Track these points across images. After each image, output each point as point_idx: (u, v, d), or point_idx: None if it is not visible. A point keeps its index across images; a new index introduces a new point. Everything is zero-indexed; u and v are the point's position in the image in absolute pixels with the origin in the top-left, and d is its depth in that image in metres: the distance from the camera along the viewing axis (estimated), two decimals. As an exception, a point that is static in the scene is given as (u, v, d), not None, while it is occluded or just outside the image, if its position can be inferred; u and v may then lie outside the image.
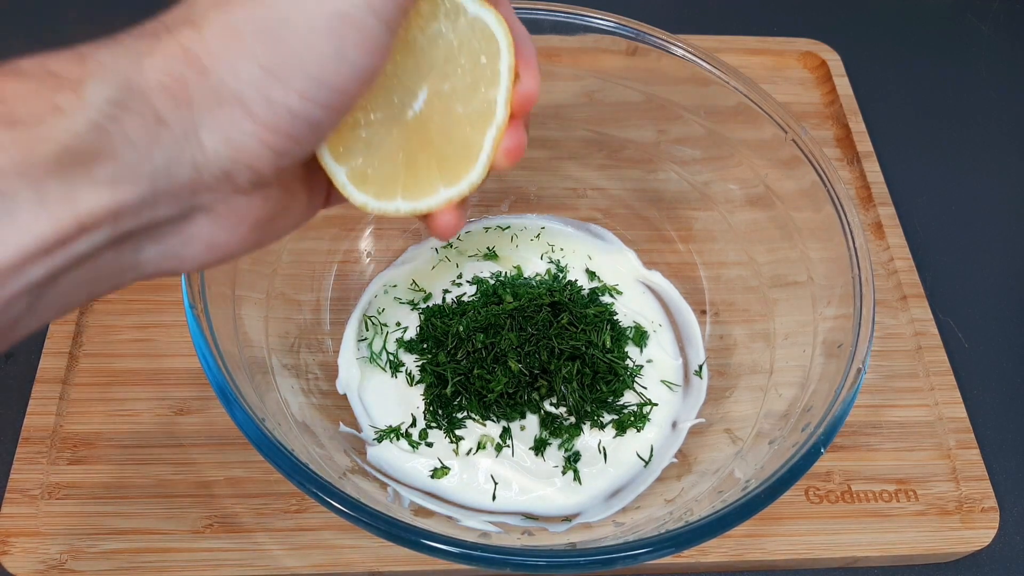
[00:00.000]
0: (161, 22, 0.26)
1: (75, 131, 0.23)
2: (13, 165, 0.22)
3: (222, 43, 0.25)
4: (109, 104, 0.24)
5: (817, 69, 0.73)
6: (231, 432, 0.47)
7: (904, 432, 0.54)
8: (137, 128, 0.24)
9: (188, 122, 0.25)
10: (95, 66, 0.24)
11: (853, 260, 0.46)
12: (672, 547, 0.37)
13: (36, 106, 0.23)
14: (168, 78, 0.25)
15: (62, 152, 0.23)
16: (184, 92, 0.25)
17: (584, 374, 0.51)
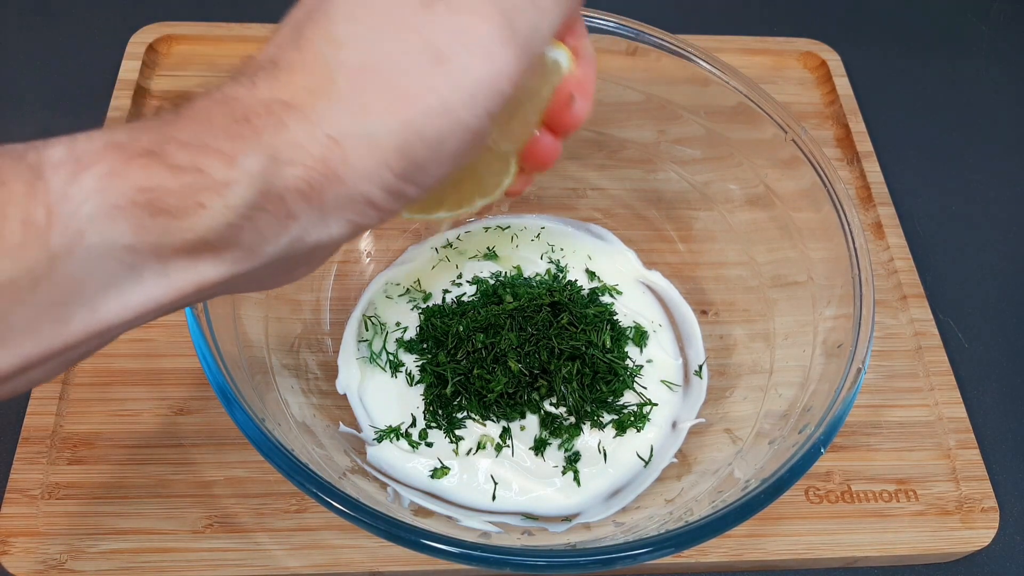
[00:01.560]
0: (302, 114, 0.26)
1: (213, 227, 0.25)
2: (149, 247, 0.25)
3: (360, 155, 0.26)
4: (248, 207, 0.25)
5: (817, 69, 0.73)
6: (231, 432, 0.47)
7: (904, 432, 0.54)
8: (269, 224, 0.26)
9: (319, 216, 0.27)
10: (240, 173, 0.25)
11: (853, 260, 0.46)
12: (672, 547, 0.37)
13: (182, 201, 0.24)
14: (305, 185, 0.26)
15: (196, 242, 0.25)
16: (319, 197, 0.26)
17: (584, 374, 0.51)
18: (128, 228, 0.24)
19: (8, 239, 0.22)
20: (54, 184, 0.23)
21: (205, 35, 0.69)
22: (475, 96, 0.27)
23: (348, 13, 0.27)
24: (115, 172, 0.24)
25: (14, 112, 0.66)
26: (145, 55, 0.67)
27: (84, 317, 0.25)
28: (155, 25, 0.68)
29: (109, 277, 0.25)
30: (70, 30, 0.72)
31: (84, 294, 0.24)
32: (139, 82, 0.65)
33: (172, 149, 0.24)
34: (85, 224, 0.23)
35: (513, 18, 0.28)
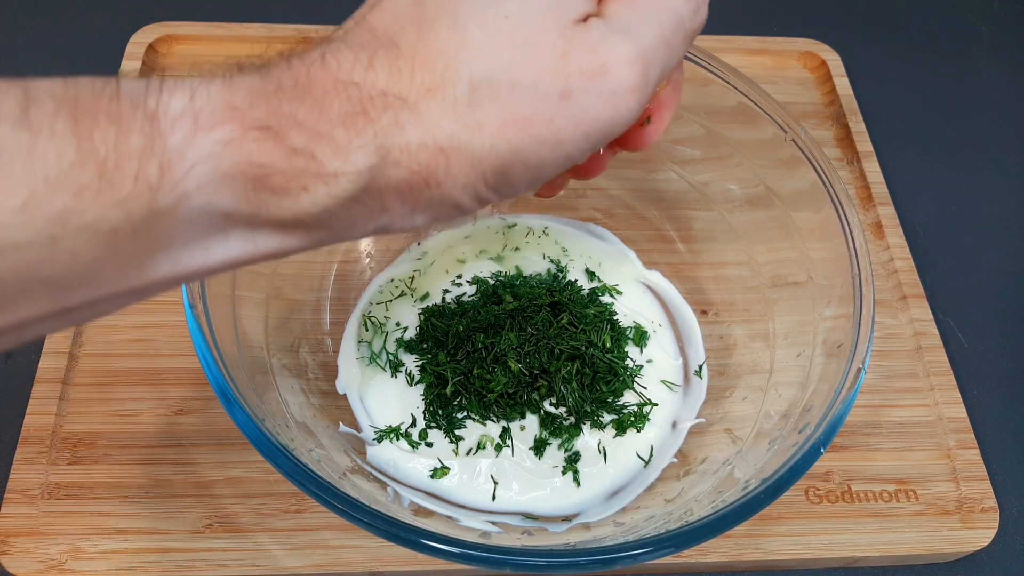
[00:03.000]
0: (418, 117, 0.26)
1: (311, 211, 0.25)
2: (245, 216, 0.25)
3: (461, 168, 0.26)
4: (348, 198, 0.26)
5: (817, 69, 0.73)
6: (231, 432, 0.47)
7: (904, 432, 0.54)
8: (362, 213, 0.27)
9: (408, 212, 0.27)
10: (350, 166, 0.25)
11: (853, 260, 0.46)
12: (672, 547, 0.37)
13: (289, 182, 0.25)
14: (405, 186, 0.26)
15: (292, 220, 0.26)
16: (414, 198, 0.27)
17: (584, 374, 0.51)
18: (231, 196, 0.24)
19: (119, 190, 0.23)
20: (171, 141, 0.23)
21: (205, 35, 0.69)
22: (588, 135, 0.27)
23: (483, 18, 0.26)
24: (231, 141, 0.24)
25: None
26: (145, 55, 0.67)
27: (167, 267, 0.25)
28: (155, 25, 0.68)
29: (199, 235, 0.25)
30: (70, 30, 0.72)
31: (172, 247, 0.25)
32: (139, 82, 0.65)
33: (289, 129, 0.24)
34: (192, 187, 0.24)
35: (648, 64, 0.27)
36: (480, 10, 0.26)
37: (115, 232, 0.23)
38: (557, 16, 0.26)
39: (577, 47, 0.26)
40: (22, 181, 0.21)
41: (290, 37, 0.70)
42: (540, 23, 0.26)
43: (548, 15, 0.26)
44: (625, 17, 0.28)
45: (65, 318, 0.25)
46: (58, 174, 0.22)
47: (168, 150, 0.23)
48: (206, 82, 0.25)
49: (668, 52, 0.28)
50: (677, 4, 0.29)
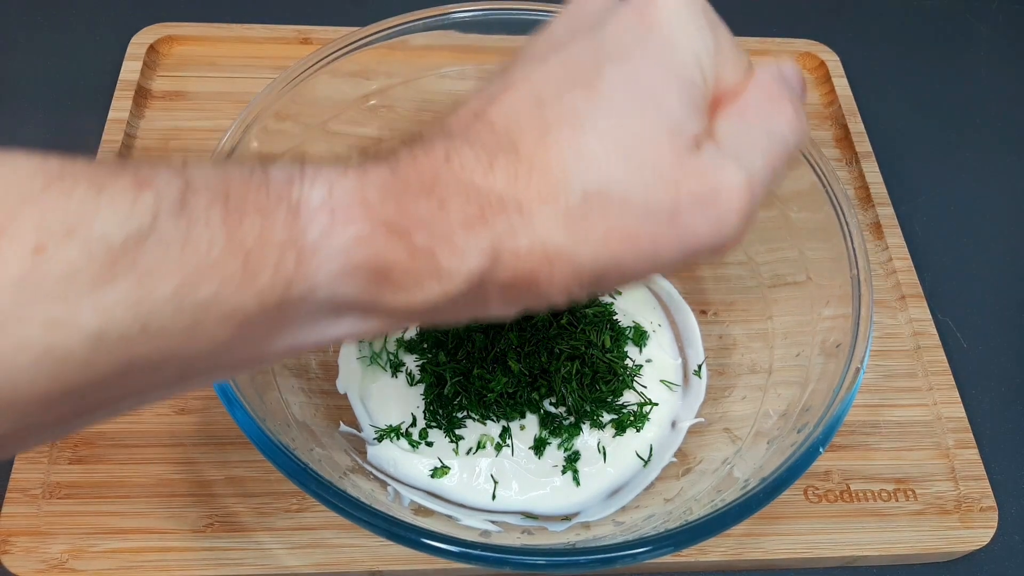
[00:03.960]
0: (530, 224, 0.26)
1: (422, 305, 0.26)
2: (362, 305, 0.26)
3: (562, 273, 0.27)
4: (458, 295, 0.26)
5: (816, 70, 0.73)
6: (231, 432, 0.47)
7: (903, 432, 0.54)
8: (465, 307, 0.27)
9: (504, 307, 0.28)
10: (464, 267, 0.26)
11: (852, 260, 0.46)
12: (671, 546, 0.37)
13: (408, 279, 0.26)
14: (509, 287, 0.27)
15: (403, 310, 0.26)
16: (514, 296, 0.27)
17: (584, 374, 0.51)
18: (353, 287, 0.25)
19: (259, 281, 0.24)
20: (309, 235, 0.24)
21: (206, 36, 0.69)
22: (686, 254, 0.27)
23: (603, 131, 0.26)
24: (362, 238, 0.25)
25: (15, 112, 0.66)
26: (146, 56, 0.67)
27: (283, 343, 0.26)
28: (156, 26, 0.69)
29: (318, 317, 0.26)
30: (71, 31, 0.72)
31: (293, 328, 0.26)
32: (140, 82, 0.65)
33: (415, 229, 0.25)
34: (322, 279, 0.25)
35: (756, 190, 0.27)
36: (599, 123, 0.26)
37: (249, 319, 0.24)
38: (673, 138, 0.26)
39: (689, 171, 0.26)
40: (176, 269, 0.22)
41: (290, 38, 0.70)
42: (657, 143, 0.26)
43: (664, 136, 0.26)
44: (736, 142, 0.28)
45: (179, 388, 0.26)
46: (208, 263, 0.23)
47: (306, 244, 0.24)
48: (341, 174, 0.25)
49: (772, 177, 0.29)
50: (786, 131, 0.29)
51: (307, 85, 0.50)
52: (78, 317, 0.21)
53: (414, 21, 0.52)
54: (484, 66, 0.55)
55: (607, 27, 0.28)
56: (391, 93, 0.55)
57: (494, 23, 0.52)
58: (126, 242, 0.22)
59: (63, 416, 0.24)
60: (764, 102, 0.29)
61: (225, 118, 0.64)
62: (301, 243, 0.24)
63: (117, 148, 0.61)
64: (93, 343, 0.21)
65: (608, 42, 0.28)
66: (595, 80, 0.27)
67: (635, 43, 0.27)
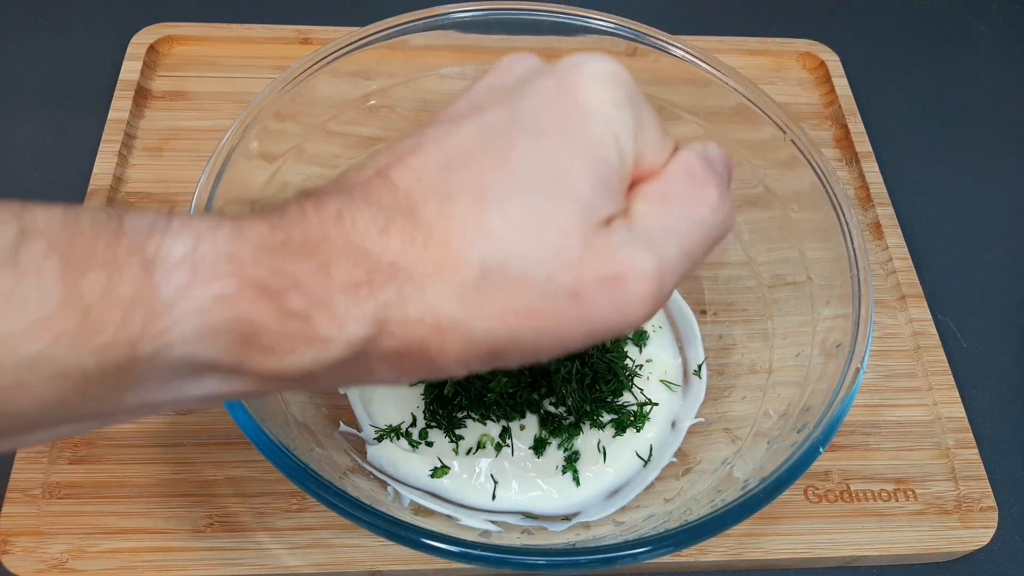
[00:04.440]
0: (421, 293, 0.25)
1: (294, 371, 0.25)
2: (224, 367, 0.25)
3: (456, 346, 0.26)
4: (336, 364, 0.25)
5: (816, 70, 0.73)
6: (231, 432, 0.47)
7: (903, 432, 0.54)
8: (346, 377, 0.26)
9: (394, 378, 0.27)
10: (344, 336, 0.24)
11: (852, 260, 0.46)
12: (671, 546, 0.37)
13: (278, 344, 0.24)
14: (395, 357, 0.26)
15: (272, 375, 0.25)
16: (402, 367, 0.26)
17: (583, 374, 0.51)
18: (215, 349, 0.24)
19: (98, 339, 0.22)
20: (162, 293, 0.23)
21: (206, 36, 0.69)
22: (591, 335, 0.26)
23: (507, 205, 0.25)
24: (225, 298, 0.23)
25: (15, 112, 0.66)
26: (146, 56, 0.67)
27: (133, 401, 0.25)
28: (156, 26, 0.69)
29: (173, 378, 0.24)
30: (71, 31, 0.72)
31: (143, 387, 0.24)
32: (140, 83, 0.65)
33: (288, 291, 0.24)
34: (176, 339, 0.23)
35: (666, 277, 0.26)
36: (505, 197, 0.25)
37: (86, 377, 0.22)
38: (581, 217, 0.25)
39: (596, 252, 0.25)
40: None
41: (290, 38, 0.70)
42: (563, 221, 0.25)
43: (572, 215, 0.25)
44: (651, 225, 0.27)
45: (16, 442, 0.25)
46: (37, 319, 0.21)
47: (157, 302, 0.23)
48: (213, 228, 0.24)
49: (688, 264, 0.28)
50: (707, 216, 0.28)
51: (307, 85, 0.50)
52: None
53: (414, 21, 0.52)
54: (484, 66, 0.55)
55: (527, 97, 0.27)
56: (391, 93, 0.55)
57: (494, 23, 0.52)
58: None
59: None
60: (685, 185, 0.28)
61: (225, 118, 0.64)
62: (151, 300, 0.22)
63: (117, 148, 0.61)
64: None
65: (525, 113, 0.27)
66: (506, 152, 0.26)
67: (551, 117, 0.27)
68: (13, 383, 0.22)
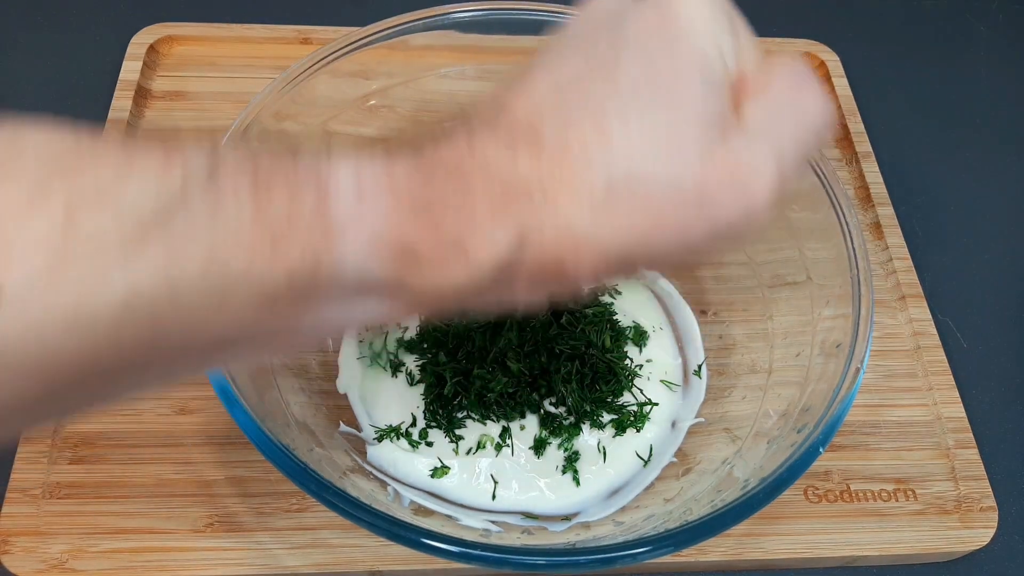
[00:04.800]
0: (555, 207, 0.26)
1: (448, 288, 0.26)
2: (387, 285, 0.26)
3: (589, 257, 0.27)
4: (484, 279, 0.26)
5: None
6: (231, 431, 0.47)
7: (903, 432, 0.54)
8: (491, 292, 0.27)
9: (531, 293, 0.28)
10: (490, 250, 0.26)
11: (852, 260, 0.46)
12: (671, 546, 0.37)
13: (434, 260, 0.26)
14: (536, 272, 0.27)
15: (428, 292, 0.26)
16: (541, 282, 0.27)
17: (584, 374, 0.51)
18: (380, 266, 0.25)
19: (288, 255, 0.24)
20: (338, 213, 0.24)
21: (206, 36, 0.69)
22: (716, 237, 0.27)
23: (626, 118, 0.26)
24: (390, 217, 0.25)
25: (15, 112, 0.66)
26: (146, 56, 0.67)
27: (309, 322, 0.26)
28: (156, 26, 0.69)
29: (344, 296, 0.26)
30: (71, 31, 0.72)
31: (319, 307, 0.26)
32: (140, 83, 0.65)
33: (442, 211, 0.25)
34: (350, 257, 0.25)
35: (784, 175, 0.27)
36: (623, 111, 0.26)
37: (277, 294, 0.24)
38: (697, 124, 0.26)
39: (716, 155, 0.26)
40: (205, 241, 0.22)
41: (290, 38, 0.70)
42: (681, 130, 0.26)
43: (689, 123, 0.26)
44: (764, 127, 0.28)
45: (206, 365, 0.27)
46: (237, 237, 0.23)
47: (334, 221, 0.24)
48: (368, 156, 0.26)
49: (801, 163, 0.29)
50: (814, 113, 0.29)
51: (307, 85, 0.50)
52: (107, 285, 0.21)
53: (414, 21, 0.52)
54: (484, 66, 0.55)
55: (627, 23, 0.28)
56: (391, 93, 0.55)
57: (494, 23, 0.52)
58: (156, 213, 0.22)
59: (87, 386, 0.24)
60: (791, 87, 0.29)
61: (225, 118, 0.64)
62: (329, 220, 0.24)
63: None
64: (120, 312, 0.21)
65: (628, 37, 0.28)
66: (616, 72, 0.27)
67: (655, 37, 0.28)
68: (219, 298, 0.23)
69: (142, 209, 0.22)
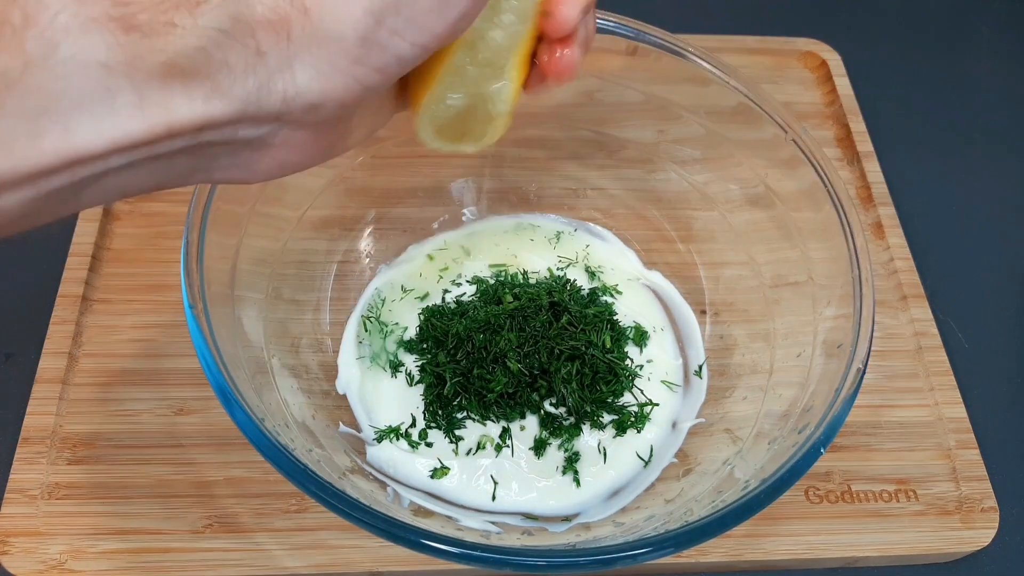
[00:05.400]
0: None
1: (183, 50, 0.25)
2: (122, 66, 0.24)
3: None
4: (217, 32, 0.25)
5: (817, 69, 0.73)
6: (231, 432, 0.47)
7: (904, 432, 0.54)
8: (237, 56, 0.26)
9: (285, 56, 0.27)
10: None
11: (853, 260, 0.46)
12: (672, 547, 0.37)
13: (155, 18, 0.24)
14: (273, 15, 0.26)
15: (167, 64, 0.25)
16: (285, 28, 0.26)
17: (584, 374, 0.51)
18: (102, 43, 0.24)
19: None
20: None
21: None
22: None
23: None
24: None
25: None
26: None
27: (58, 136, 0.24)
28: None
29: (83, 96, 0.24)
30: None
31: (58, 109, 0.24)
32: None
33: None
34: (60, 35, 0.23)
35: None
36: None
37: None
38: None
39: None
40: None
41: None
42: None
43: None
44: None
45: None
46: None
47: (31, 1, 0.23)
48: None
49: None
50: None
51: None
52: None
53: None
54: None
55: None
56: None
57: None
58: None
59: None
60: None
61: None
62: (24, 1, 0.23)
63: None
64: None
65: None
66: None
67: None
68: None
69: None
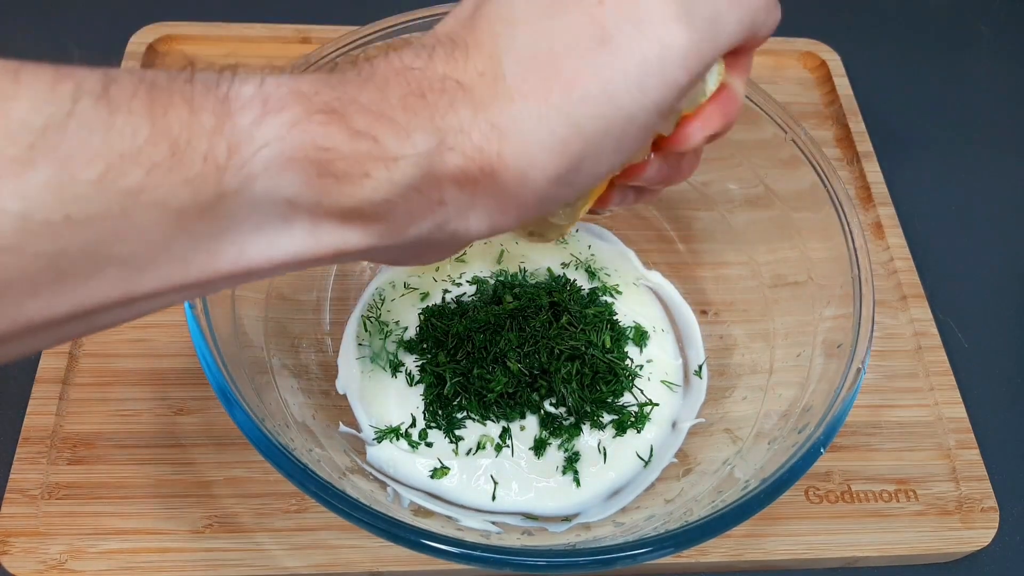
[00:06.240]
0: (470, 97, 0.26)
1: (371, 199, 0.26)
2: (308, 205, 0.25)
3: (515, 151, 0.26)
4: (408, 188, 0.26)
5: (817, 69, 0.73)
6: (231, 432, 0.47)
7: (904, 432, 0.54)
8: (420, 205, 0.27)
9: (466, 207, 0.28)
10: (410, 150, 0.25)
11: (853, 260, 0.46)
12: (672, 547, 0.37)
13: (351, 168, 0.25)
14: (462, 176, 0.27)
15: (352, 209, 0.26)
16: (471, 185, 0.27)
17: (584, 374, 0.51)
18: (295, 182, 0.25)
19: (189, 169, 0.23)
20: (240, 123, 0.24)
21: (205, 35, 0.69)
22: (642, 83, 0.26)
23: (528, 10, 0.27)
24: (297, 124, 0.24)
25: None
26: (145, 55, 0.67)
27: (232, 255, 0.25)
28: (155, 25, 0.68)
29: (264, 223, 0.25)
30: (70, 30, 0.72)
31: (239, 234, 0.25)
32: (139, 82, 0.65)
33: (352, 112, 0.25)
34: (259, 169, 0.24)
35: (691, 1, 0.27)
36: (527, 10, 0.27)
37: (183, 211, 0.23)
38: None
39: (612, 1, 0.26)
40: (100, 155, 0.22)
41: (290, 37, 0.70)
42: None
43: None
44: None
45: (131, 308, 0.25)
46: (133, 150, 0.22)
47: (237, 131, 0.24)
48: (275, 72, 0.25)
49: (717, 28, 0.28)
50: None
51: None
52: (2, 201, 0.21)
53: (414, 20, 0.51)
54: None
55: None
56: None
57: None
58: (47, 126, 0.21)
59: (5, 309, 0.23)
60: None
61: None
62: (232, 131, 0.24)
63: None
64: (19, 226, 0.21)
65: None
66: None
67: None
68: (119, 212, 0.22)
69: (31, 123, 0.21)
